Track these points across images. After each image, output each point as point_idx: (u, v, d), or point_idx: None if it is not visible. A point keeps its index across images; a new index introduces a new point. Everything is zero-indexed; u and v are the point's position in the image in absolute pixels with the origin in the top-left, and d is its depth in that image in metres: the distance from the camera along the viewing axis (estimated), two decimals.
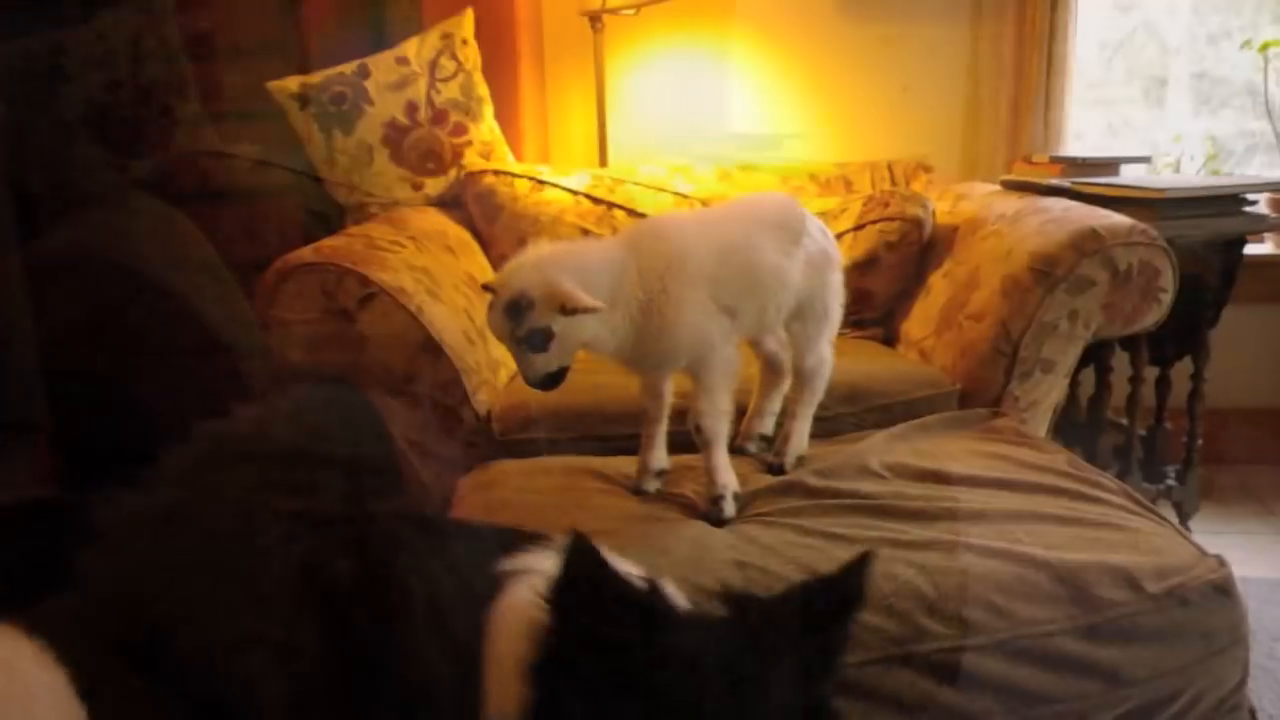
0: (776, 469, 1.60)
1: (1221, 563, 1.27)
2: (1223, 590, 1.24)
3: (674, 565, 1.24)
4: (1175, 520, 2.32)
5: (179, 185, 2.47)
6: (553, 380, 1.36)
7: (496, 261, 2.49)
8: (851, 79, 2.97)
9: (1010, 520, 1.37)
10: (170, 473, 0.94)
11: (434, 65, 2.58)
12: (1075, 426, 2.52)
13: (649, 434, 1.55)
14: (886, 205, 2.36)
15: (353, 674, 0.79)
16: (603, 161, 2.86)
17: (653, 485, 1.55)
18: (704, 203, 2.57)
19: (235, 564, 0.84)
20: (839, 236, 2.42)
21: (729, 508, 1.45)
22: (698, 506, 1.48)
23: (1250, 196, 2.29)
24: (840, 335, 2.32)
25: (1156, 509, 1.45)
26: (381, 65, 2.54)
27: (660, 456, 1.56)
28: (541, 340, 1.31)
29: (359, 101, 2.49)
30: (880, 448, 1.66)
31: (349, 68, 2.52)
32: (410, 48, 2.59)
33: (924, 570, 1.24)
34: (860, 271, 2.34)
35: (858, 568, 0.87)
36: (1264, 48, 2.82)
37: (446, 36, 2.61)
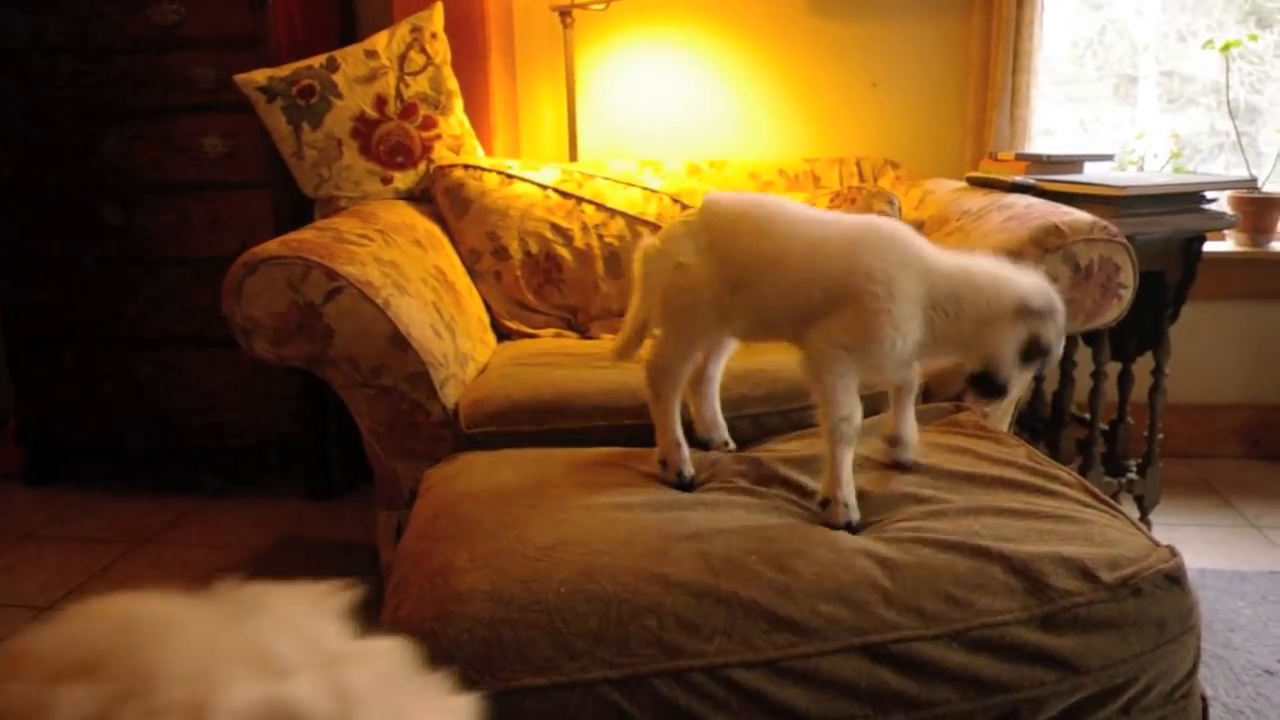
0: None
1: (1173, 553, 1.30)
2: (1174, 580, 1.27)
3: (637, 556, 1.25)
4: (1136, 513, 2.36)
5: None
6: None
7: (465, 255, 2.49)
8: (820, 75, 2.99)
9: (969, 513, 1.39)
10: None
11: (403, 59, 2.58)
12: (1040, 420, 2.55)
13: None
14: (853, 201, 2.38)
15: None
16: (573, 156, 2.87)
17: None
18: (674, 198, 2.58)
19: None
20: None
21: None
22: (663, 496, 1.49)
23: (1210, 195, 2.32)
24: None
25: (1114, 502, 1.47)
26: (350, 58, 2.54)
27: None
28: None
29: (327, 95, 2.49)
30: None
31: (317, 61, 2.51)
32: (379, 41, 2.58)
33: (883, 562, 1.26)
34: None
35: None
36: (1226, 48, 2.86)
37: (416, 30, 2.60)
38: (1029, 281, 1.45)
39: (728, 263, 1.50)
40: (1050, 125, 3.16)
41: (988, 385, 1.45)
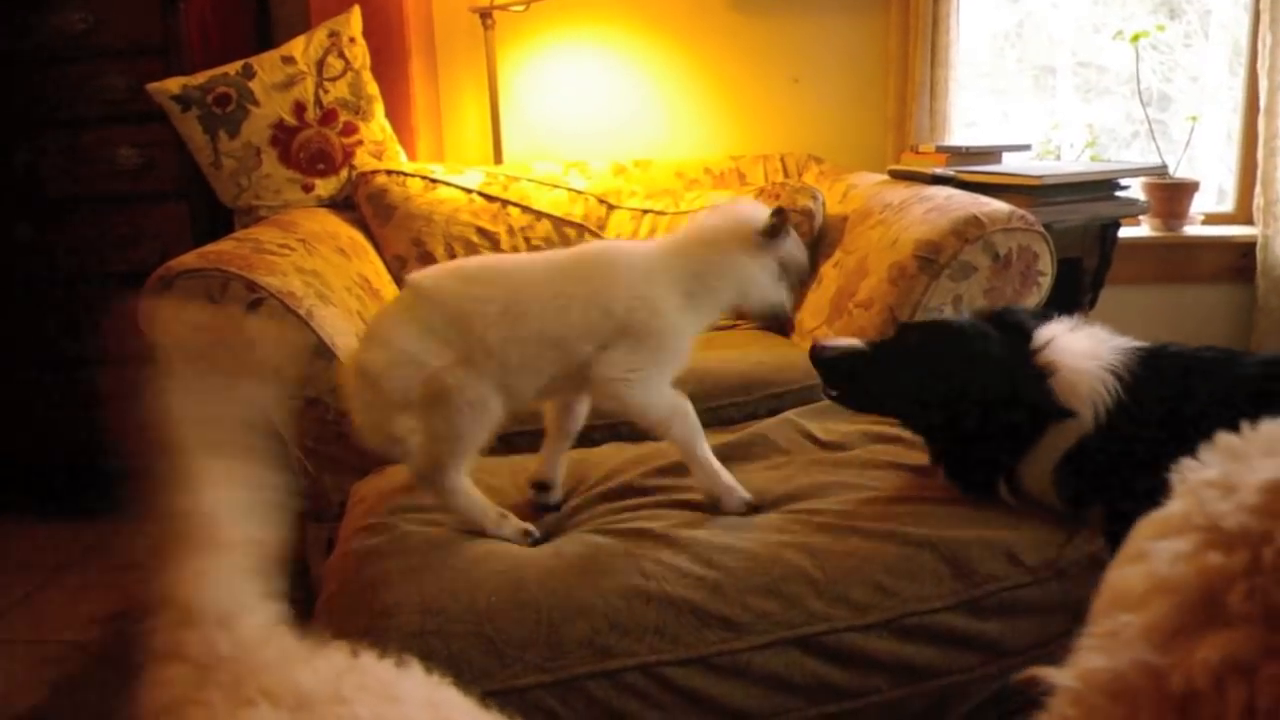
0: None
1: (1095, 536, 1.32)
2: (1097, 562, 1.29)
3: (566, 561, 1.25)
4: None
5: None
6: None
7: (391, 262, 2.46)
8: (742, 72, 3.01)
9: (896, 502, 1.40)
10: None
11: (321, 64, 2.54)
12: None
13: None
14: (778, 197, 2.39)
15: None
16: (497, 159, 2.85)
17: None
18: (600, 199, 2.58)
19: None
20: None
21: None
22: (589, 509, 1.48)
23: (1124, 181, 2.38)
24: (736, 326, 2.37)
25: None
26: (267, 65, 2.50)
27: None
28: None
29: (244, 102, 2.44)
30: (775, 430, 1.69)
31: (233, 68, 2.47)
32: (297, 47, 2.54)
33: (812, 553, 1.27)
34: None
35: None
36: (1135, 38, 2.92)
37: (334, 35, 2.57)
38: (746, 211, 1.45)
39: (476, 337, 1.32)
40: (974, 117, 3.21)
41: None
